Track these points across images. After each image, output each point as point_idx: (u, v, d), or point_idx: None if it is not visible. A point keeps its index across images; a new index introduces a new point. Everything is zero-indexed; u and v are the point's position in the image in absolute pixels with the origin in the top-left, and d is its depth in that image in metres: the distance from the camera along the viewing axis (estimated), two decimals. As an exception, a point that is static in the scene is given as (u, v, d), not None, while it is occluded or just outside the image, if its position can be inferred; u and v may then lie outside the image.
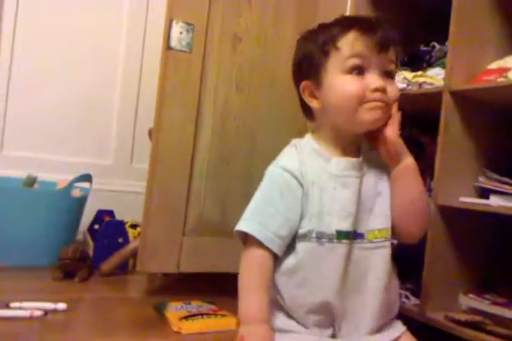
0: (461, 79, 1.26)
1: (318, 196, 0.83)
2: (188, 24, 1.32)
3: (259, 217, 0.83)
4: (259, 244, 0.81)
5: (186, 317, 1.16)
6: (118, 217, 1.97)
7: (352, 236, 0.83)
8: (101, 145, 2.10)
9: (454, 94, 1.23)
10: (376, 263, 0.84)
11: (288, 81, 1.46)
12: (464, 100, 1.25)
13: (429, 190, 1.40)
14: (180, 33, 1.31)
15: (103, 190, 2.00)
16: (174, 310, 1.22)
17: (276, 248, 0.82)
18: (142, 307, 1.26)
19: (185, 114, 1.35)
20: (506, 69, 1.24)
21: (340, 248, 0.82)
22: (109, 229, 1.66)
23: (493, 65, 1.30)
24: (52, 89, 1.98)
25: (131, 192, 2.10)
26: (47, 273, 1.44)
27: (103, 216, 1.92)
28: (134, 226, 2.04)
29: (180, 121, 1.35)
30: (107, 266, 1.53)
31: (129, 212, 1.99)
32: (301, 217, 0.83)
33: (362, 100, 0.81)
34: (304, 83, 0.89)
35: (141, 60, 2.12)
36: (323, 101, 0.86)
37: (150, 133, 1.85)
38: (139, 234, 1.77)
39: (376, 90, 0.81)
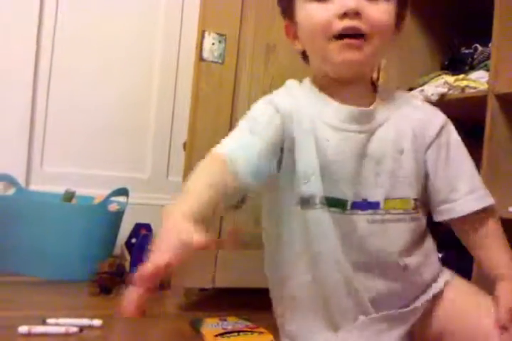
0: (507, 82, 1.19)
1: (313, 150, 0.68)
2: (221, 35, 1.31)
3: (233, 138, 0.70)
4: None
5: (222, 335, 1.12)
6: (155, 230, 1.97)
7: (350, 205, 0.68)
8: (137, 159, 2.12)
9: (500, 97, 1.17)
10: (393, 238, 0.70)
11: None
12: (511, 104, 1.18)
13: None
14: (213, 44, 1.30)
15: (140, 203, 2.01)
16: (210, 327, 1.18)
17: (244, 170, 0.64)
18: (178, 324, 1.23)
19: (219, 125, 1.34)
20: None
21: (328, 218, 0.67)
22: (145, 243, 1.65)
23: (541, 66, 1.23)
24: (88, 104, 2.01)
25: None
26: (84, 288, 1.43)
27: (140, 229, 1.92)
28: (171, 239, 2.03)
29: (214, 131, 1.33)
30: (143, 280, 1.51)
31: (166, 226, 1.99)
32: (295, 177, 0.68)
33: (328, 32, 0.64)
34: (285, 23, 0.75)
35: (176, 72, 2.13)
36: (301, 41, 0.74)
37: (185, 146, 1.85)
38: (175, 247, 1.76)
39: (345, 15, 0.62)
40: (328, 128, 0.69)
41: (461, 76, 1.33)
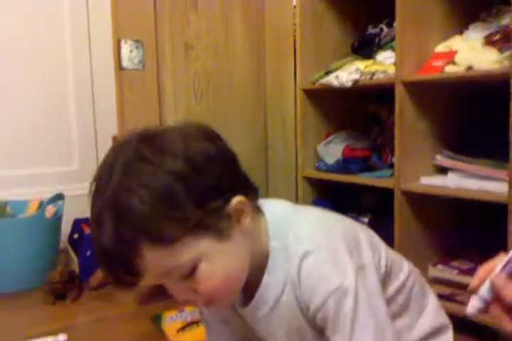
0: (412, 67, 1.29)
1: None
2: (137, 41, 1.30)
3: None
4: None
5: (183, 328, 1.22)
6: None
7: None
8: (64, 152, 2.08)
9: (406, 84, 1.28)
10: None
11: (245, 84, 1.49)
12: (416, 88, 1.29)
13: (391, 165, 1.46)
14: (131, 51, 1.29)
15: (74, 195, 2.00)
16: (170, 321, 1.27)
17: None
18: (140, 322, 1.31)
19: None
20: (453, 53, 1.28)
21: None
22: (90, 242, 1.67)
23: (441, 47, 1.34)
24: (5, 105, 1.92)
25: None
26: (38, 298, 1.46)
27: (81, 224, 1.93)
28: (111, 226, 2.07)
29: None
30: (94, 281, 1.56)
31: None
32: None
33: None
34: None
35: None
36: None
37: (114, 140, 1.84)
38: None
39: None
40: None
41: (371, 61, 1.42)
